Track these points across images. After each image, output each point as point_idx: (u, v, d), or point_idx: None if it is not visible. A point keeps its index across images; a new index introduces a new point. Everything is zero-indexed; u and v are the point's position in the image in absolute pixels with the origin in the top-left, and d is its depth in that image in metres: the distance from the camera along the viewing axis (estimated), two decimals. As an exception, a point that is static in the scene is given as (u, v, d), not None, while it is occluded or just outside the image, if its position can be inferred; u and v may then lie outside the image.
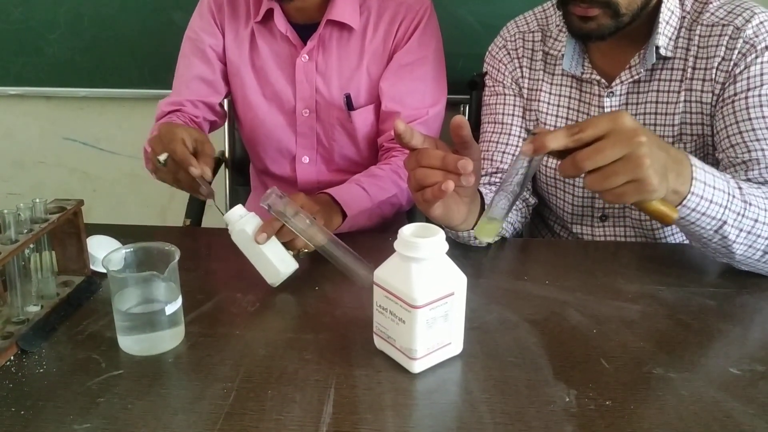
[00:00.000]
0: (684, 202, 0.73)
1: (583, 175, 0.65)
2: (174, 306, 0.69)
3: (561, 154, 0.65)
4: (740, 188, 0.78)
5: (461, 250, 0.91)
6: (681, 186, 0.72)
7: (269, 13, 1.12)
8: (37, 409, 0.60)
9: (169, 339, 0.70)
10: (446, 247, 0.64)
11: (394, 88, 1.12)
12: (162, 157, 0.88)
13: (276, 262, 0.79)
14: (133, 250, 0.71)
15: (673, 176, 0.70)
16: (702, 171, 0.74)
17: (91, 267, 0.83)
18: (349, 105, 1.15)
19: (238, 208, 0.81)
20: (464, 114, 1.51)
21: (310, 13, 1.11)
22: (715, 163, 0.97)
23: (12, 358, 0.67)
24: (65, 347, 0.70)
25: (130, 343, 0.69)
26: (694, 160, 0.73)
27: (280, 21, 1.12)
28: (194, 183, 0.88)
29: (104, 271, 0.78)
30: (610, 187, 0.65)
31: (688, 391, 0.63)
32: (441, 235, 0.64)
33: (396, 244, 0.64)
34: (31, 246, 0.74)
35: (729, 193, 0.76)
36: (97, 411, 0.60)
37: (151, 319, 0.68)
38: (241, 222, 0.80)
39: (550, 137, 0.64)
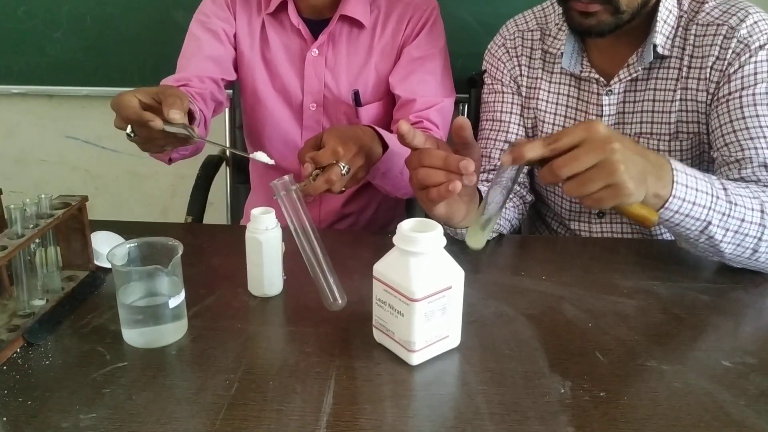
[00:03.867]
0: (666, 205, 0.75)
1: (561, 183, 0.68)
2: (177, 299, 0.70)
3: (541, 163, 0.68)
4: (725, 189, 0.80)
5: (459, 246, 0.92)
6: (662, 189, 0.74)
7: (281, 6, 1.13)
8: (43, 400, 0.61)
9: (173, 332, 0.71)
10: (444, 241, 0.66)
11: (406, 80, 1.13)
12: (128, 130, 0.82)
13: (266, 283, 0.79)
14: (137, 245, 0.73)
15: (653, 180, 0.72)
16: (684, 174, 0.75)
17: (95, 262, 0.84)
18: (357, 101, 1.16)
19: (270, 217, 0.77)
20: (463, 112, 1.52)
21: (322, 8, 1.13)
22: (711, 162, 0.98)
23: (18, 350, 0.69)
24: (70, 340, 0.71)
25: (134, 336, 0.70)
26: (676, 164, 0.75)
27: (293, 14, 1.13)
28: (175, 136, 0.81)
29: (108, 266, 0.80)
30: (587, 193, 0.67)
31: (681, 383, 0.65)
32: (439, 230, 0.65)
33: (395, 239, 0.65)
34: (37, 241, 0.75)
35: (713, 195, 0.77)
36: (102, 401, 0.61)
37: (155, 313, 0.69)
38: (262, 232, 0.77)
39: (528, 147, 0.67)
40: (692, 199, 0.76)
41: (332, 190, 0.83)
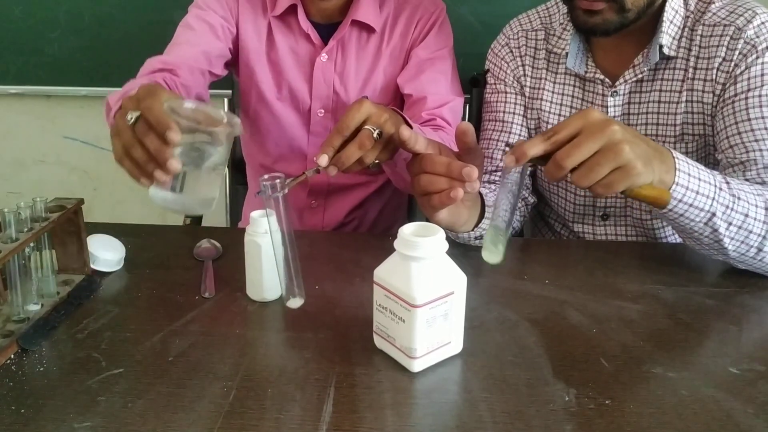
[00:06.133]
0: (670, 192, 0.74)
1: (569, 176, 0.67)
2: (219, 156, 0.70)
3: (544, 160, 0.68)
4: (728, 183, 0.79)
5: (461, 250, 0.91)
6: (665, 175, 0.73)
7: (289, 9, 1.11)
8: (37, 408, 0.60)
9: (204, 189, 0.71)
10: (446, 246, 0.64)
11: (416, 79, 1.11)
12: (132, 116, 0.68)
13: (265, 287, 0.78)
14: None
15: (658, 164, 0.71)
16: (685, 163, 0.75)
17: (92, 266, 0.83)
18: None
19: (270, 220, 0.75)
20: (466, 112, 1.51)
21: (332, 13, 1.11)
22: (716, 164, 0.97)
23: (12, 356, 0.68)
24: (65, 346, 0.70)
25: (160, 195, 0.70)
26: (676, 153, 0.75)
27: (302, 19, 1.11)
28: (155, 161, 0.67)
29: (104, 269, 0.79)
30: (596, 179, 0.67)
31: (688, 390, 0.63)
32: (441, 234, 0.64)
33: (396, 243, 0.64)
34: (32, 245, 0.74)
35: (716, 186, 0.77)
36: (97, 409, 0.60)
37: (198, 155, 0.69)
38: (261, 236, 0.76)
39: (528, 145, 0.67)
40: (695, 188, 0.75)
41: (364, 160, 0.74)
